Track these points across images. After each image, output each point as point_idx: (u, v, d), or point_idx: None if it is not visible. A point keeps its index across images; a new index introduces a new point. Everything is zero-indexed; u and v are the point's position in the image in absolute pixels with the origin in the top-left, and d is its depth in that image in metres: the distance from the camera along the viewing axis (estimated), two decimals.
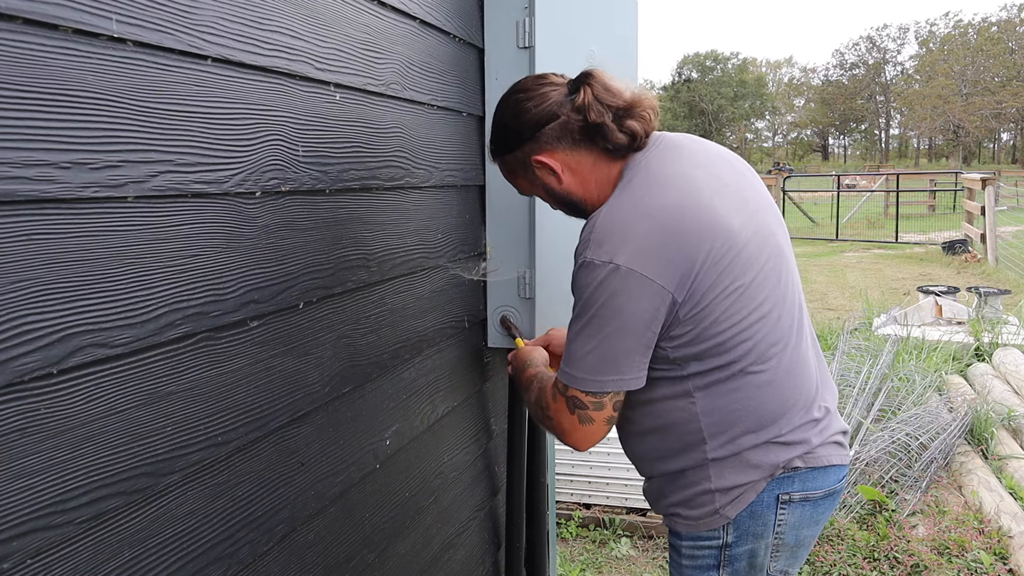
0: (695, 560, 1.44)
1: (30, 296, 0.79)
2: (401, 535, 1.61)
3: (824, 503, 1.42)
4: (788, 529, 1.40)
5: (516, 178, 1.49)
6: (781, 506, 1.39)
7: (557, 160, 1.38)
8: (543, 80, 1.41)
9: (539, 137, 1.38)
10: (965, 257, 12.07)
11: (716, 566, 1.42)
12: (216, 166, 1.04)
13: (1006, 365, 5.55)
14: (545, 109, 1.37)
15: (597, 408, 1.33)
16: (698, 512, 1.41)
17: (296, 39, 1.20)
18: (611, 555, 3.40)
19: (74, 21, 0.83)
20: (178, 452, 0.99)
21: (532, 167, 1.41)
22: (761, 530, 1.39)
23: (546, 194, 1.46)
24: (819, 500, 1.41)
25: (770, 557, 1.42)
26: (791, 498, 1.38)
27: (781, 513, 1.39)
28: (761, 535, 1.40)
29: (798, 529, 1.41)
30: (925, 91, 57.10)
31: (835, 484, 1.43)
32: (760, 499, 1.38)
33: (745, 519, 1.39)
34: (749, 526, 1.39)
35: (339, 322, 1.35)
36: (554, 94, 1.38)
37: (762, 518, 1.39)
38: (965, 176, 15.51)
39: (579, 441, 1.37)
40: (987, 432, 4.38)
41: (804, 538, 1.44)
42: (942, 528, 3.51)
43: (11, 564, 0.78)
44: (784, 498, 1.38)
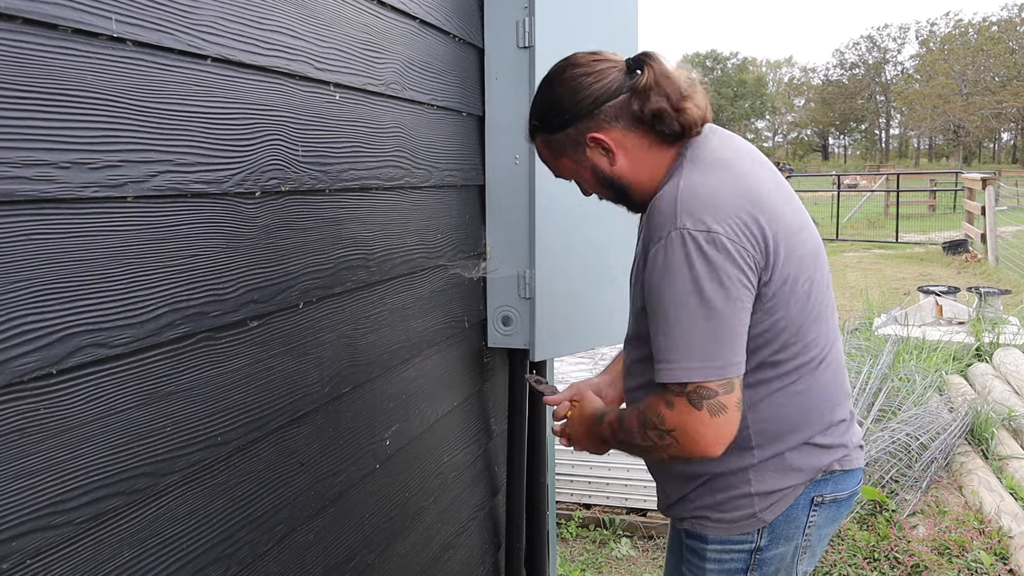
0: (722, 564, 1.39)
1: (30, 296, 0.79)
2: (401, 535, 1.61)
3: (846, 504, 1.43)
4: (815, 530, 1.39)
5: (560, 158, 1.39)
6: (814, 508, 1.37)
7: (613, 139, 1.32)
8: (599, 56, 1.35)
9: (597, 115, 1.31)
10: (965, 257, 12.07)
11: (744, 570, 1.38)
12: (216, 166, 1.04)
13: (1006, 365, 5.55)
14: (606, 86, 1.31)
15: (727, 392, 1.21)
16: (733, 515, 1.36)
17: (296, 39, 1.20)
18: (611, 555, 3.40)
19: (74, 21, 0.83)
20: (178, 452, 0.99)
21: (585, 146, 1.34)
22: (793, 532, 1.37)
23: (592, 176, 1.38)
24: (843, 501, 1.41)
25: (797, 559, 1.40)
26: (823, 500, 1.37)
27: (812, 515, 1.37)
28: (792, 537, 1.38)
29: (822, 529, 1.41)
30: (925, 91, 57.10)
31: (857, 485, 1.44)
32: (796, 502, 1.36)
33: (780, 522, 1.36)
34: (783, 529, 1.36)
35: (339, 322, 1.35)
36: (613, 72, 1.32)
37: (796, 521, 1.37)
38: (965, 176, 15.51)
39: (714, 440, 1.22)
40: (987, 432, 4.38)
41: (824, 537, 1.44)
42: (942, 528, 3.51)
43: (11, 564, 0.78)
44: (818, 500, 1.37)
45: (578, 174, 1.41)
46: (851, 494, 1.43)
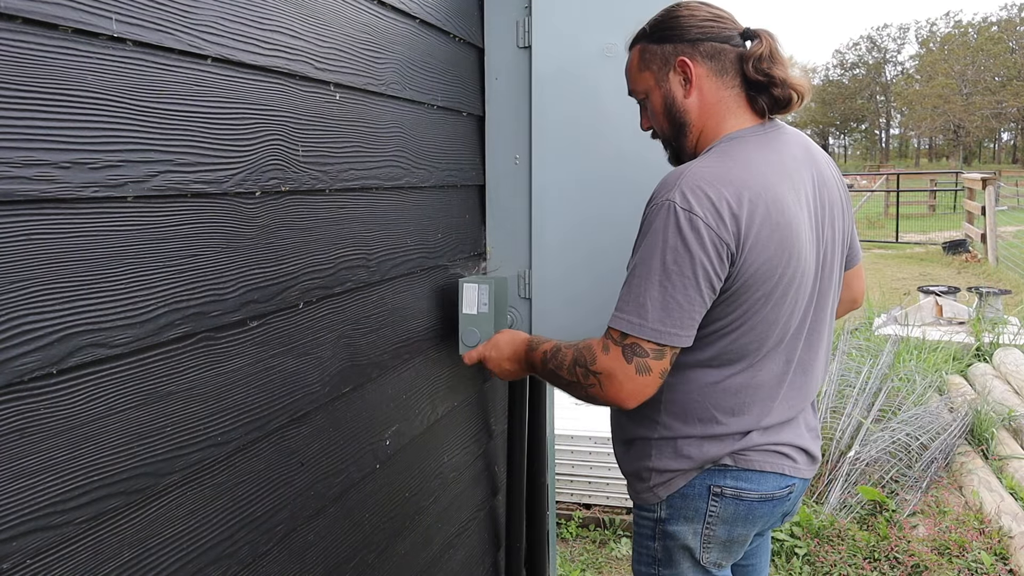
0: (640, 527, 1.54)
1: (30, 296, 0.79)
2: (401, 535, 1.61)
3: (761, 507, 1.46)
4: (719, 522, 1.46)
5: (645, 71, 1.46)
6: (713, 497, 1.44)
7: (697, 74, 1.40)
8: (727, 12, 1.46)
9: (697, 46, 1.40)
10: (965, 257, 12.07)
11: (652, 536, 1.51)
12: (216, 166, 1.04)
13: (1007, 365, 5.55)
14: (720, 30, 1.41)
15: (657, 357, 1.30)
16: (640, 486, 1.50)
17: (296, 39, 1.20)
18: (611, 555, 3.40)
19: (74, 21, 0.83)
20: (178, 452, 0.99)
21: (672, 68, 1.42)
22: (692, 515, 1.46)
23: (662, 101, 1.45)
24: (754, 502, 1.45)
25: (702, 546, 1.48)
26: (723, 492, 1.44)
27: (713, 504, 1.45)
28: (692, 519, 1.46)
29: (731, 525, 1.46)
30: (925, 91, 57.10)
31: (775, 491, 1.45)
32: (692, 485, 1.45)
33: (677, 500, 1.46)
34: (680, 508, 1.47)
35: (339, 322, 1.35)
36: (732, 27, 1.43)
37: (693, 504, 1.46)
38: (965, 176, 15.51)
39: (630, 394, 1.32)
40: (987, 432, 4.38)
41: (738, 535, 1.48)
42: (942, 528, 3.51)
43: (11, 564, 0.78)
44: (716, 490, 1.44)
45: (650, 93, 1.47)
46: (763, 498, 1.45)
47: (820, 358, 1.51)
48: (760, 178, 1.33)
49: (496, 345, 1.65)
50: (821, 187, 1.45)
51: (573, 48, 1.83)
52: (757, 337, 1.37)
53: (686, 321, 1.29)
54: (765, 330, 1.37)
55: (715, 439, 1.42)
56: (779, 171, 1.37)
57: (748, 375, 1.40)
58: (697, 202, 1.28)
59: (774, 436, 1.45)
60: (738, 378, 1.40)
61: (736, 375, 1.40)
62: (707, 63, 1.40)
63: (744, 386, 1.41)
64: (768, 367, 1.41)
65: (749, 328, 1.35)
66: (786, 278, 1.36)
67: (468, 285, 1.73)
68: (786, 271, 1.35)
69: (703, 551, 1.48)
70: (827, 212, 1.46)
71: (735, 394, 1.41)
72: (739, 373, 1.40)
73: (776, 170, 1.36)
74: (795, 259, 1.36)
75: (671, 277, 1.28)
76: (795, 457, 1.48)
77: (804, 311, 1.43)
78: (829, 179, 1.49)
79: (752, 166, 1.35)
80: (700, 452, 1.43)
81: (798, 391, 1.47)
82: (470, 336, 1.73)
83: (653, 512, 1.50)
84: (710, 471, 1.44)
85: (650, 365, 1.31)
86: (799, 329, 1.43)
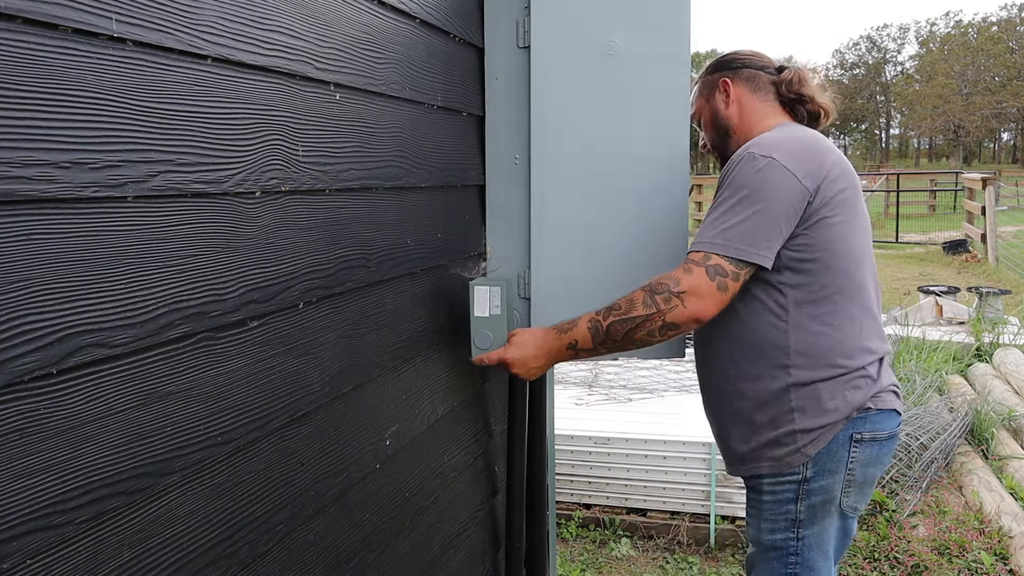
0: (775, 495, 1.62)
1: (30, 296, 0.79)
2: (401, 535, 1.61)
3: (888, 444, 1.62)
4: (858, 467, 1.59)
5: (700, 96, 1.83)
6: (854, 445, 1.58)
7: (736, 91, 1.76)
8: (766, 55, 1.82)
9: (738, 71, 1.78)
10: (965, 257, 12.07)
11: (795, 499, 1.60)
12: (216, 166, 1.04)
13: (1007, 365, 5.54)
14: (755, 61, 1.79)
15: (735, 279, 1.51)
16: (782, 452, 1.59)
17: (296, 39, 1.20)
18: (611, 555, 3.40)
19: (74, 21, 0.83)
20: (178, 452, 0.99)
21: (717, 89, 1.78)
22: (836, 466, 1.58)
23: (710, 116, 1.80)
24: (884, 441, 1.61)
25: (842, 493, 1.60)
26: (863, 437, 1.58)
27: (854, 451, 1.58)
28: (836, 471, 1.58)
29: (866, 467, 1.60)
30: (925, 91, 57.08)
31: (895, 428, 1.63)
32: (837, 438, 1.57)
33: (823, 456, 1.58)
34: (826, 463, 1.58)
35: (339, 322, 1.35)
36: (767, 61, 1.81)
37: (837, 455, 1.58)
38: (965, 176, 15.50)
39: (710, 307, 1.50)
40: (988, 432, 4.38)
41: (871, 476, 1.63)
42: (942, 528, 3.51)
43: (11, 564, 0.78)
44: (857, 437, 1.58)
45: (702, 111, 1.83)
46: (890, 435, 1.62)
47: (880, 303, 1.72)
48: (821, 139, 1.63)
49: (518, 345, 1.69)
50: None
51: (573, 47, 1.83)
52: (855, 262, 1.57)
53: (763, 243, 1.50)
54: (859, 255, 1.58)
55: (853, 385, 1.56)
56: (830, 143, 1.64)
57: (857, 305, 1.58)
58: (773, 149, 1.53)
59: (887, 377, 1.64)
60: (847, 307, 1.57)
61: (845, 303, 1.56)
62: (745, 83, 1.76)
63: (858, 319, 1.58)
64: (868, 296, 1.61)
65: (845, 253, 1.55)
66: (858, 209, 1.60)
67: (480, 288, 1.73)
68: (857, 203, 1.60)
69: (844, 498, 1.61)
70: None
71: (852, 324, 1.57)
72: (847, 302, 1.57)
73: (829, 142, 1.64)
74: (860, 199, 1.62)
75: (752, 206, 1.50)
76: (899, 394, 1.67)
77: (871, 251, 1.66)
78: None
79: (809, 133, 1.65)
80: (845, 402, 1.57)
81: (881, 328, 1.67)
82: (483, 339, 1.73)
83: (797, 473, 1.59)
84: (852, 419, 1.57)
85: (728, 285, 1.50)
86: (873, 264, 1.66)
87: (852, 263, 1.58)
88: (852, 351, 1.58)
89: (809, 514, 1.60)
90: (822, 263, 1.55)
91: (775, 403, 1.59)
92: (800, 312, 1.56)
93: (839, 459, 1.58)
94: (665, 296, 1.50)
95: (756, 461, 1.64)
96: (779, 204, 1.50)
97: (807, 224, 1.53)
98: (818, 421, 1.56)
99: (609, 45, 1.80)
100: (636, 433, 3.64)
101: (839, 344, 1.57)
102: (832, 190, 1.54)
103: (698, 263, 1.51)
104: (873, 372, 1.60)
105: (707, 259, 1.50)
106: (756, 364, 1.60)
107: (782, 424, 1.58)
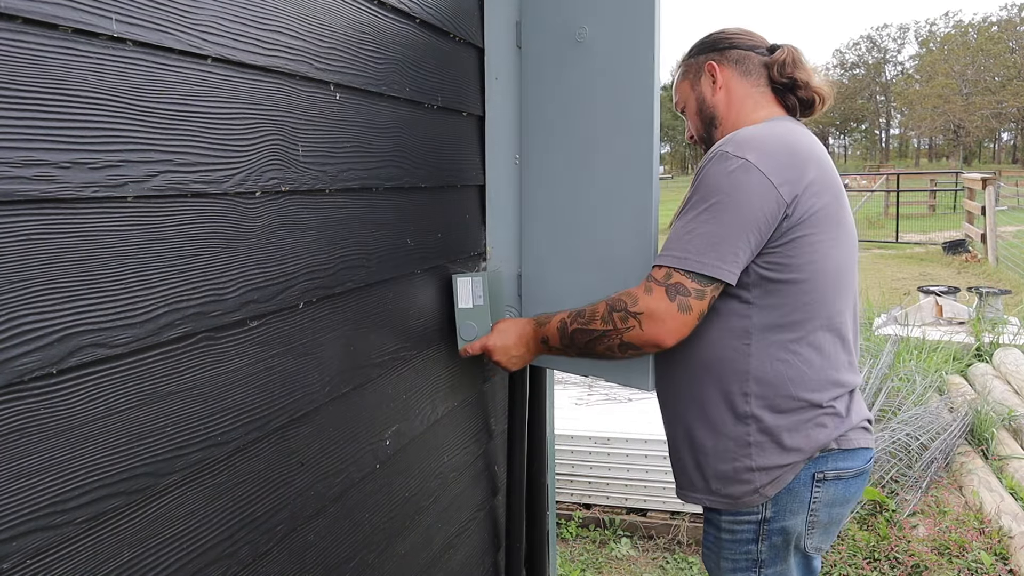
0: (735, 535, 1.51)
1: (30, 296, 0.79)
2: (401, 535, 1.61)
3: (856, 482, 1.50)
4: (822, 507, 1.48)
5: (684, 81, 1.67)
6: (816, 484, 1.46)
7: (723, 76, 1.59)
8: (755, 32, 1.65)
9: (725, 52, 1.60)
10: (965, 257, 12.07)
11: (755, 539, 1.49)
12: (216, 166, 1.04)
13: (1007, 365, 5.55)
14: (745, 41, 1.61)
15: (699, 297, 1.37)
16: (738, 490, 1.47)
17: (296, 39, 1.20)
18: (611, 555, 3.40)
19: (74, 21, 0.83)
20: (178, 452, 0.99)
21: (702, 73, 1.62)
22: (798, 507, 1.47)
23: (696, 103, 1.64)
24: (850, 479, 1.49)
25: (806, 533, 1.49)
26: (826, 477, 1.46)
27: (816, 490, 1.46)
28: (797, 511, 1.47)
29: (831, 507, 1.49)
30: (925, 91, 57.08)
31: (864, 464, 1.51)
32: (798, 478, 1.45)
33: (784, 496, 1.46)
34: (787, 503, 1.46)
35: (339, 322, 1.35)
36: (757, 39, 1.62)
37: (799, 496, 1.46)
38: (965, 176, 15.51)
39: (671, 332, 1.38)
40: (987, 432, 4.38)
41: (836, 516, 1.51)
42: (942, 528, 3.51)
43: (11, 564, 0.78)
44: (819, 476, 1.46)
45: (687, 99, 1.66)
46: (858, 473, 1.50)
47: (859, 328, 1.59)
48: (805, 139, 1.47)
49: (500, 332, 1.66)
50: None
51: (552, 41, 1.80)
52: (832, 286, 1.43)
53: (729, 256, 1.36)
54: (836, 278, 1.44)
55: (818, 423, 1.44)
56: (816, 143, 1.50)
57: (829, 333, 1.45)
58: (749, 150, 1.39)
59: (858, 413, 1.51)
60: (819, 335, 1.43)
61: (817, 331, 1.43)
62: (733, 66, 1.59)
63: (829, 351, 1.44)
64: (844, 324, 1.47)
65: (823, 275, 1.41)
66: (842, 222, 1.46)
67: (461, 279, 1.74)
68: (841, 215, 1.46)
69: (807, 538, 1.50)
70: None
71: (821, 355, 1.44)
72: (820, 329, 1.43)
73: (814, 141, 1.50)
74: (844, 210, 1.47)
75: (718, 215, 1.36)
76: (870, 429, 1.54)
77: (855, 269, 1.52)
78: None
79: (795, 132, 1.48)
80: (807, 441, 1.44)
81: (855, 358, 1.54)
82: (468, 330, 1.74)
83: (756, 513, 1.48)
84: (815, 458, 1.45)
85: (691, 304, 1.37)
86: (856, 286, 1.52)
87: (830, 286, 1.43)
88: (819, 384, 1.44)
89: (771, 554, 1.50)
90: (796, 285, 1.40)
91: (731, 434, 1.46)
92: (765, 337, 1.42)
93: (801, 499, 1.46)
94: (622, 315, 1.41)
95: (710, 493, 1.52)
96: (750, 212, 1.35)
97: (782, 240, 1.38)
98: (777, 460, 1.44)
99: (579, 31, 1.70)
100: (636, 433, 3.64)
101: (804, 376, 1.43)
102: (813, 204, 1.39)
103: (659, 282, 1.39)
104: (842, 408, 1.47)
105: (668, 277, 1.38)
106: (713, 388, 1.47)
107: (739, 458, 1.46)
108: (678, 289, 1.37)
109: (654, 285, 1.39)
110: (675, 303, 1.36)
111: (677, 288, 1.37)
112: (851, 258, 1.50)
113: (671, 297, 1.37)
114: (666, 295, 1.37)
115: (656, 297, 1.38)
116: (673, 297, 1.37)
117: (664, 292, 1.37)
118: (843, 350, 1.48)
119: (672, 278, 1.37)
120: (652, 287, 1.39)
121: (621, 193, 1.65)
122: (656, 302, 1.37)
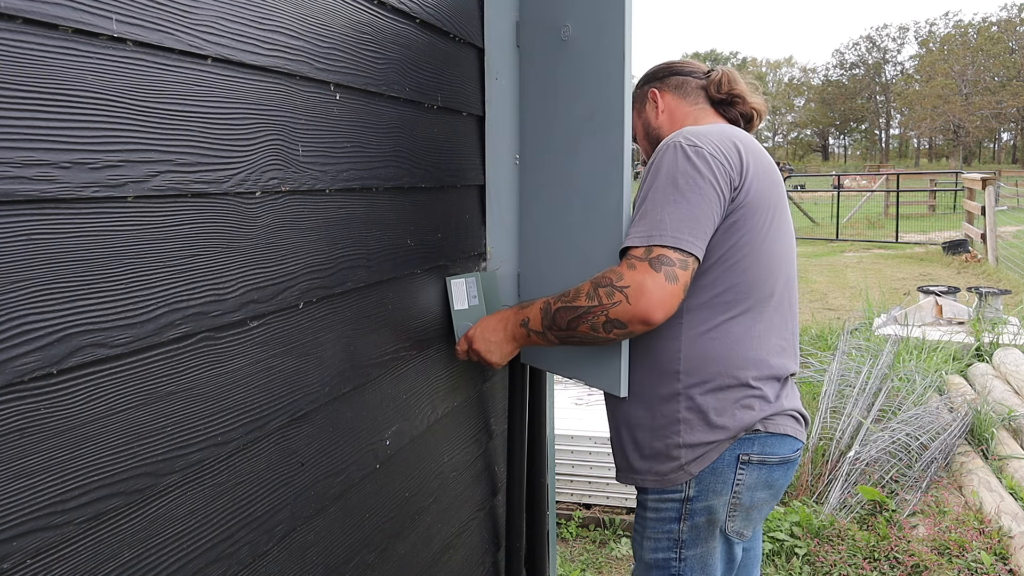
0: (659, 513, 1.55)
1: (30, 296, 0.79)
2: (401, 535, 1.61)
3: (780, 469, 1.53)
4: (744, 490, 1.50)
5: (633, 110, 1.73)
6: (740, 466, 1.49)
7: (665, 101, 1.72)
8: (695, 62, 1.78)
9: (665, 79, 1.74)
10: (965, 257, 12.07)
11: (678, 519, 1.52)
12: (216, 166, 1.04)
13: (1006, 365, 5.55)
14: (683, 68, 1.75)
15: (683, 267, 1.38)
16: (665, 467, 1.51)
17: (296, 39, 1.20)
18: (611, 555, 3.40)
19: (74, 21, 0.83)
20: (178, 452, 0.99)
21: (647, 100, 1.75)
22: (721, 487, 1.50)
23: (642, 128, 1.77)
24: (775, 466, 1.52)
25: (727, 516, 1.52)
26: (750, 459, 1.49)
27: (740, 473, 1.49)
28: (720, 492, 1.50)
29: (753, 491, 1.52)
30: (925, 91, 57.09)
31: (790, 454, 1.54)
32: (722, 458, 1.48)
33: (707, 475, 1.49)
34: (711, 483, 1.50)
35: (339, 322, 1.35)
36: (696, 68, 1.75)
37: (722, 476, 1.49)
38: (965, 176, 15.50)
39: (659, 303, 1.36)
40: (987, 432, 4.38)
41: (758, 500, 1.54)
42: (942, 528, 3.51)
43: (11, 564, 0.78)
44: (744, 458, 1.49)
45: (635, 126, 1.77)
46: (782, 461, 1.52)
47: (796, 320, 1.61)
48: (745, 137, 1.55)
49: (480, 323, 1.69)
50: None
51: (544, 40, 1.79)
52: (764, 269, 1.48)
53: (699, 232, 1.39)
54: (768, 262, 1.49)
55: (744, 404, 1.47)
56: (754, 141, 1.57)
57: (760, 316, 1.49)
58: (698, 139, 1.45)
59: (788, 400, 1.54)
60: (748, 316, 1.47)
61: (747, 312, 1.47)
62: (673, 91, 1.72)
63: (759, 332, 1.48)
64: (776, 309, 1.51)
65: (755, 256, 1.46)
66: (779, 213, 1.52)
67: (455, 281, 1.75)
68: (779, 206, 1.52)
69: (728, 521, 1.52)
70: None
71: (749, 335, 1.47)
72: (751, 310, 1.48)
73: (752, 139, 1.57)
74: (783, 202, 1.55)
75: (684, 194, 1.40)
76: (800, 421, 1.57)
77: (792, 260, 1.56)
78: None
79: (735, 130, 1.56)
80: (733, 420, 1.47)
81: (795, 349, 1.58)
82: (464, 331, 1.75)
83: (679, 492, 1.51)
84: (740, 439, 1.48)
85: (677, 275, 1.37)
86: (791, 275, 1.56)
87: (762, 270, 1.47)
88: (746, 362, 1.47)
89: (692, 534, 1.52)
90: (727, 266, 1.45)
91: (664, 411, 1.50)
92: (695, 316, 1.46)
93: (724, 480, 1.49)
94: (608, 290, 1.40)
95: (643, 473, 1.55)
96: (712, 194, 1.40)
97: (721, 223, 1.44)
98: (703, 437, 1.47)
99: (564, 29, 1.69)
100: None
101: (732, 353, 1.46)
102: (752, 190, 1.45)
103: (639, 258, 1.38)
104: (770, 393, 1.49)
105: (649, 252, 1.37)
106: (648, 368, 1.51)
107: (669, 435, 1.49)
108: (662, 260, 1.36)
109: (636, 261, 1.38)
110: (661, 274, 1.35)
111: (661, 260, 1.36)
112: (788, 249, 1.55)
113: (656, 268, 1.36)
114: (651, 267, 1.36)
115: (641, 270, 1.36)
116: (659, 268, 1.35)
117: (648, 265, 1.36)
118: (776, 335, 1.51)
119: (653, 252, 1.37)
120: (635, 263, 1.38)
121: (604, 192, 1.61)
122: (642, 275, 1.36)
